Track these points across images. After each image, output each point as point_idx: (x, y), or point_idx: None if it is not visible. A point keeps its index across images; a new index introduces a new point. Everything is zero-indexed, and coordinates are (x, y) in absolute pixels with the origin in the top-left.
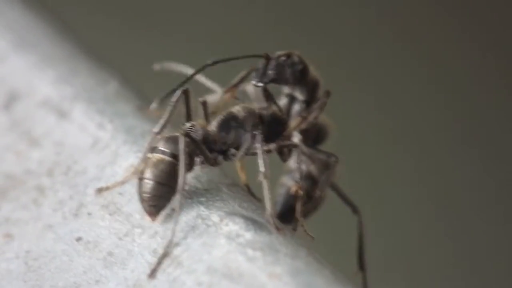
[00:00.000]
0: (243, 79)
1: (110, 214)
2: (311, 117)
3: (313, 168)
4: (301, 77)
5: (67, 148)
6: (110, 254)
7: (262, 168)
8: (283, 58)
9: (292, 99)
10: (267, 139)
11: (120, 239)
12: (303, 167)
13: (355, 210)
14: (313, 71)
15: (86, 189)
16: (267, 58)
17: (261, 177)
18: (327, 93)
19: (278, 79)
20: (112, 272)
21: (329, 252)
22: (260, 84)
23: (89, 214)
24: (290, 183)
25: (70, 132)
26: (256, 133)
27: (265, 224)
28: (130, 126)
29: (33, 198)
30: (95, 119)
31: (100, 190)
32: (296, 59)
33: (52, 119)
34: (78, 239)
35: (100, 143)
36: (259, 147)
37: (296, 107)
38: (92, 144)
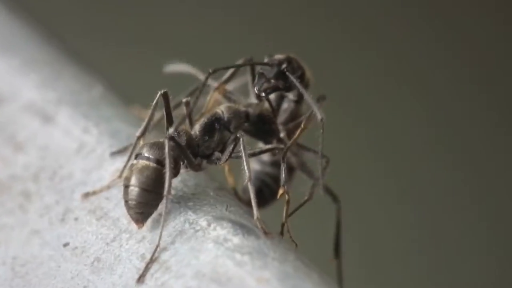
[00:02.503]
0: (233, 76)
1: (97, 219)
2: (310, 126)
3: (293, 160)
4: (300, 82)
5: (52, 152)
6: (98, 259)
7: (247, 172)
8: (284, 65)
9: (282, 96)
10: (255, 137)
11: (107, 244)
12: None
13: (335, 199)
14: (309, 75)
15: (72, 194)
16: (268, 65)
17: (247, 181)
18: (323, 97)
19: (280, 88)
20: (100, 277)
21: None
22: (263, 95)
23: (76, 219)
24: (257, 167)
25: (55, 136)
26: (239, 136)
27: (253, 228)
28: (116, 130)
29: (19, 204)
30: (80, 123)
31: (86, 195)
32: (295, 65)
33: (36, 123)
34: (65, 244)
35: (86, 147)
36: (242, 150)
37: (286, 105)
38: (78, 149)
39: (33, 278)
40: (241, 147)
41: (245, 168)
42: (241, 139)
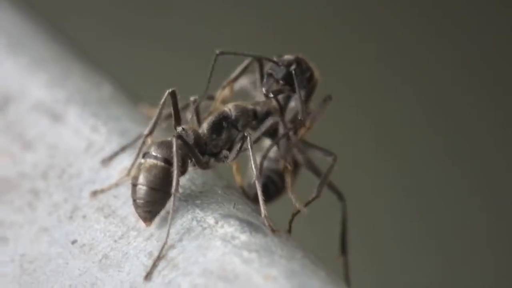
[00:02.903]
0: (242, 73)
1: (105, 217)
2: (315, 125)
3: (299, 158)
4: (308, 83)
5: (61, 151)
6: (106, 256)
7: (254, 171)
8: (293, 67)
9: (290, 95)
10: (262, 134)
11: (115, 241)
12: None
13: (340, 197)
14: (317, 75)
15: (81, 192)
16: (276, 63)
17: (254, 179)
18: (329, 98)
19: (288, 89)
20: (108, 274)
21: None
22: (271, 96)
23: (84, 217)
24: (264, 165)
25: (64, 135)
26: (247, 135)
27: (260, 225)
28: (124, 129)
29: (28, 201)
30: (89, 122)
31: (94, 193)
32: (304, 66)
33: (45, 122)
34: (74, 242)
35: (95, 146)
36: (249, 149)
37: (293, 104)
38: (87, 147)
39: (41, 275)
40: (249, 146)
41: (253, 166)
42: (248, 138)
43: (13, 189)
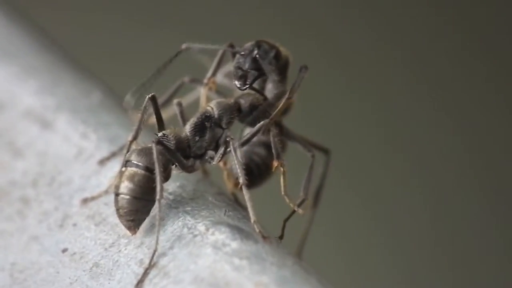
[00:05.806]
0: (218, 67)
1: (96, 225)
2: (294, 96)
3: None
4: (277, 61)
5: (51, 158)
6: (96, 265)
7: (241, 178)
8: (256, 51)
9: (265, 79)
10: (251, 125)
11: (106, 249)
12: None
13: (325, 151)
14: (284, 51)
15: (71, 200)
16: (239, 54)
17: (240, 185)
18: (305, 68)
19: (259, 74)
20: (98, 283)
21: None
22: (245, 87)
23: (74, 225)
24: (246, 147)
25: (54, 142)
26: (229, 140)
27: (251, 232)
28: (114, 136)
29: (17, 210)
30: (79, 129)
31: (85, 201)
32: (266, 47)
33: (35, 129)
34: (64, 250)
35: (85, 153)
36: (234, 154)
37: (270, 86)
38: (76, 154)
39: (32, 284)
40: (233, 152)
41: (239, 173)
42: (231, 144)
43: (2, 197)
